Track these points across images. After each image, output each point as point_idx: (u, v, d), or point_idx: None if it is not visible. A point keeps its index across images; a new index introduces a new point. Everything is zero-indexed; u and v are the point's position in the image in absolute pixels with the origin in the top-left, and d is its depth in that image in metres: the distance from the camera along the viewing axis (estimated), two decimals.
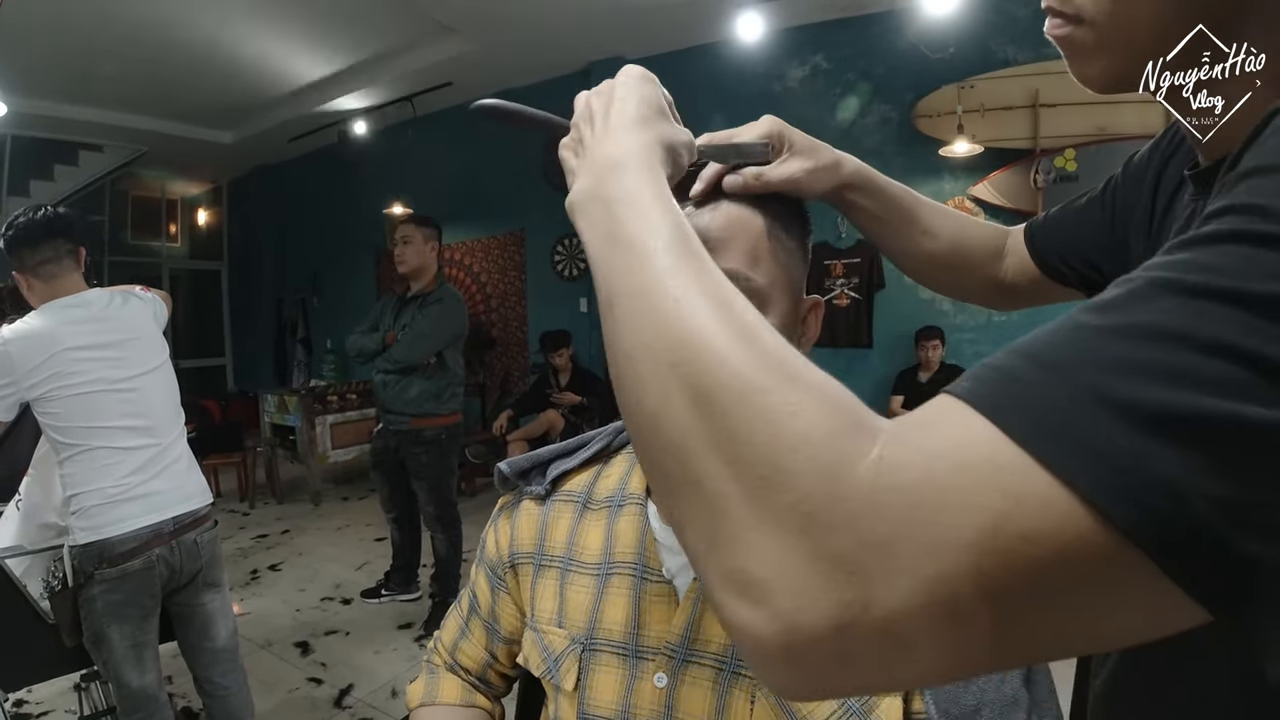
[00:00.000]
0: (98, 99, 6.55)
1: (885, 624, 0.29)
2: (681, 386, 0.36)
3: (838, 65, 5.20)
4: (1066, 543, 0.28)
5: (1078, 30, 0.53)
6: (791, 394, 0.34)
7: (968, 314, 5.03)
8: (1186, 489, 0.27)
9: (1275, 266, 0.29)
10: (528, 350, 6.88)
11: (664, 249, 0.43)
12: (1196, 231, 0.33)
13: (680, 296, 0.40)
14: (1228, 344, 0.28)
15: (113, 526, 1.90)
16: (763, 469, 0.32)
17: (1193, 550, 0.27)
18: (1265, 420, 0.27)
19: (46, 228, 1.98)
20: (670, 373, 0.37)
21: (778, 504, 0.31)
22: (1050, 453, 0.28)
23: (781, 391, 0.34)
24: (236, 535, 5.24)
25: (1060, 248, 0.89)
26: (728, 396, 0.34)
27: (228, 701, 2.20)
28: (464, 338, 3.70)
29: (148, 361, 2.08)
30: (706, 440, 0.34)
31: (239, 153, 8.36)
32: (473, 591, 0.94)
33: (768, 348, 0.36)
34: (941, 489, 0.29)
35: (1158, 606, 0.28)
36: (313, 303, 9.01)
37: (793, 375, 0.35)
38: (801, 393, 0.34)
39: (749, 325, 0.38)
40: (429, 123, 6.87)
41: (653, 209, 0.46)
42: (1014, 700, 0.62)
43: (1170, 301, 0.30)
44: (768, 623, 0.31)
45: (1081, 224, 0.87)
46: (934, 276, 0.98)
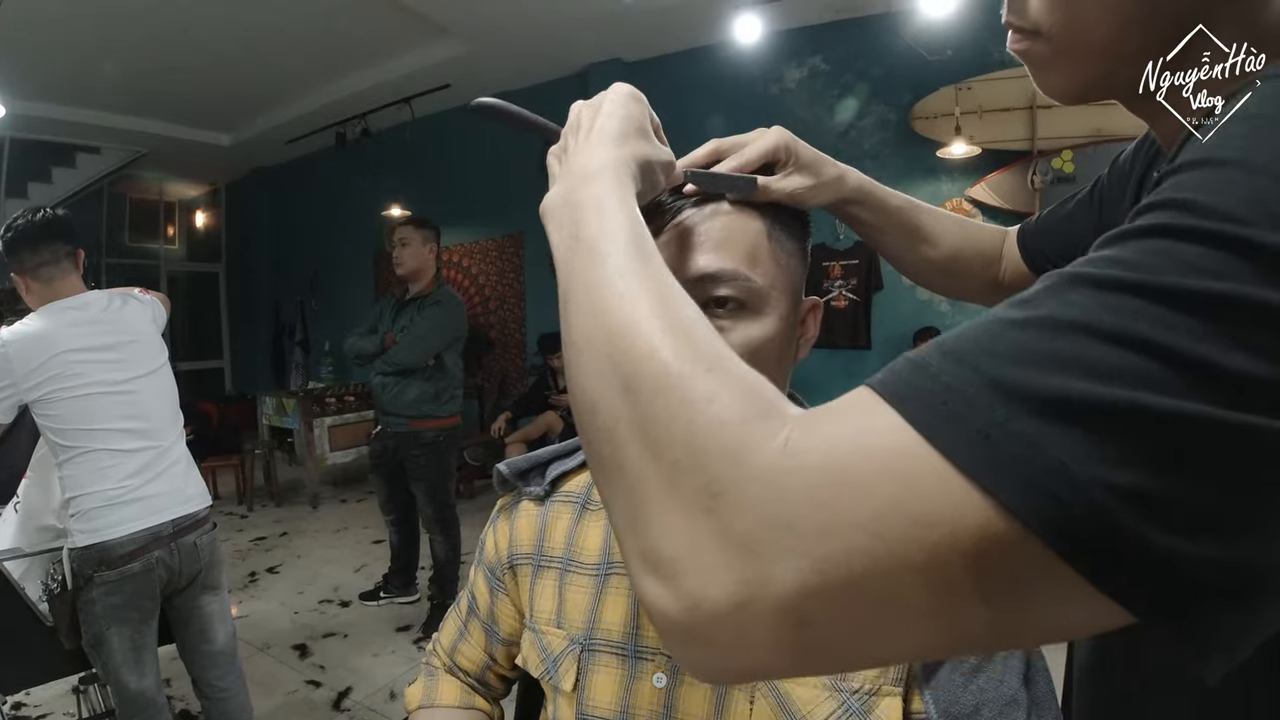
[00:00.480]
0: (95, 101, 6.55)
1: (781, 603, 0.30)
2: (614, 374, 0.38)
3: (835, 67, 5.21)
4: (962, 528, 0.28)
5: (1036, 44, 0.55)
6: (710, 383, 0.35)
7: (966, 314, 5.03)
8: (1085, 475, 0.27)
9: (1192, 260, 0.29)
10: (525, 352, 6.88)
11: (618, 250, 0.45)
12: (1122, 228, 0.33)
13: (624, 292, 0.42)
14: (1135, 335, 0.28)
15: (112, 529, 1.90)
16: (677, 452, 0.34)
17: (1095, 539, 0.27)
18: (1173, 410, 0.27)
19: (46, 230, 1.98)
20: (606, 362, 0.39)
21: (689, 485, 0.33)
22: (944, 437, 0.29)
23: (701, 381, 0.35)
24: (235, 538, 5.23)
25: (1050, 250, 0.90)
26: (652, 384, 0.36)
27: (226, 704, 2.20)
28: (463, 340, 3.70)
29: (147, 364, 2.08)
30: (630, 425, 0.36)
31: (237, 155, 8.36)
32: (471, 593, 0.94)
33: (696, 341, 0.38)
34: (840, 472, 0.30)
35: (1064, 600, 0.28)
36: (311, 305, 9.00)
37: (714, 367, 0.36)
38: (720, 383, 0.35)
39: (683, 321, 0.40)
40: (427, 125, 6.87)
41: (615, 216, 0.48)
42: (1013, 700, 0.62)
43: (1082, 294, 0.30)
44: (675, 600, 0.32)
45: (1070, 225, 0.88)
46: (934, 281, 0.99)
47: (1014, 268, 0.95)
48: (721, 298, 0.66)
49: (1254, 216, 0.29)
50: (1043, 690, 0.65)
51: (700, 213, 0.68)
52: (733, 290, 0.66)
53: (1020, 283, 0.94)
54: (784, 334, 0.69)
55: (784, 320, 0.69)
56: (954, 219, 0.97)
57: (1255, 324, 0.28)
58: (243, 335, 10.18)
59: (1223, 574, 0.27)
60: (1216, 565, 0.27)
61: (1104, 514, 0.26)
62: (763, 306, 0.67)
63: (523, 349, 6.95)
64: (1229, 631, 0.28)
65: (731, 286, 0.66)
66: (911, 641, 0.32)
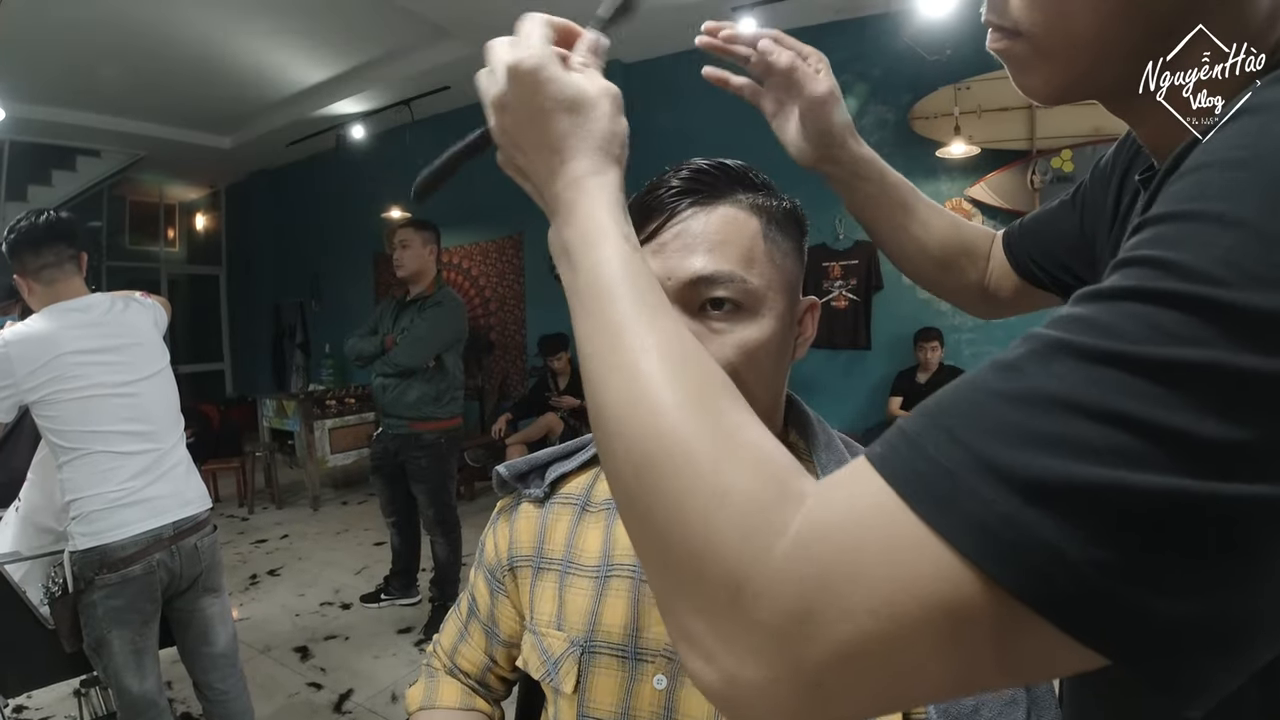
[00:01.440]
0: (96, 104, 6.56)
1: (807, 679, 0.32)
2: (627, 455, 0.40)
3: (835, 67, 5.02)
4: (966, 608, 0.30)
5: (1016, 44, 0.54)
6: (724, 473, 0.36)
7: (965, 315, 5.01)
8: (1073, 554, 0.28)
9: (1169, 326, 0.30)
10: (526, 354, 6.88)
11: (618, 307, 0.44)
12: (1099, 285, 0.34)
13: (629, 362, 0.42)
14: (1115, 411, 0.29)
15: (113, 532, 1.90)
16: (696, 544, 0.35)
17: (1087, 612, 0.28)
18: (1153, 487, 0.28)
19: (49, 232, 1.99)
20: (619, 441, 0.40)
21: (711, 575, 0.34)
22: (943, 523, 0.30)
23: (715, 472, 0.36)
24: (235, 540, 5.23)
25: (1034, 251, 0.90)
26: (665, 469, 0.37)
27: (227, 706, 2.20)
28: (463, 341, 3.69)
29: (148, 366, 2.08)
30: (648, 507, 0.38)
31: (237, 157, 8.37)
32: (472, 595, 0.94)
33: (705, 409, 0.39)
34: (850, 563, 0.31)
35: (1062, 655, 0.30)
36: (311, 307, 9.00)
37: (726, 444, 0.37)
38: (733, 469, 0.36)
39: (689, 386, 0.40)
40: (427, 126, 6.88)
41: (610, 259, 0.46)
42: (1012, 699, 0.62)
43: (1065, 366, 0.31)
44: (715, 677, 0.35)
45: (1053, 227, 0.88)
46: (926, 273, 0.99)
47: (1000, 270, 0.96)
48: (718, 299, 0.66)
49: (1231, 276, 0.30)
50: (1042, 689, 0.65)
51: (696, 213, 0.68)
52: (729, 292, 0.66)
53: (1005, 287, 0.95)
54: (781, 334, 0.69)
55: (781, 321, 0.69)
56: (948, 213, 0.98)
57: (1230, 390, 0.28)
58: (243, 338, 10.18)
59: (1206, 625, 0.28)
60: (1199, 619, 0.28)
61: (1093, 588, 0.28)
62: (759, 307, 0.67)
63: (523, 351, 6.95)
64: (1212, 673, 0.30)
65: (728, 288, 0.66)
66: (927, 696, 0.35)
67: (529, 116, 0.50)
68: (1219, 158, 0.35)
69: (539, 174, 0.51)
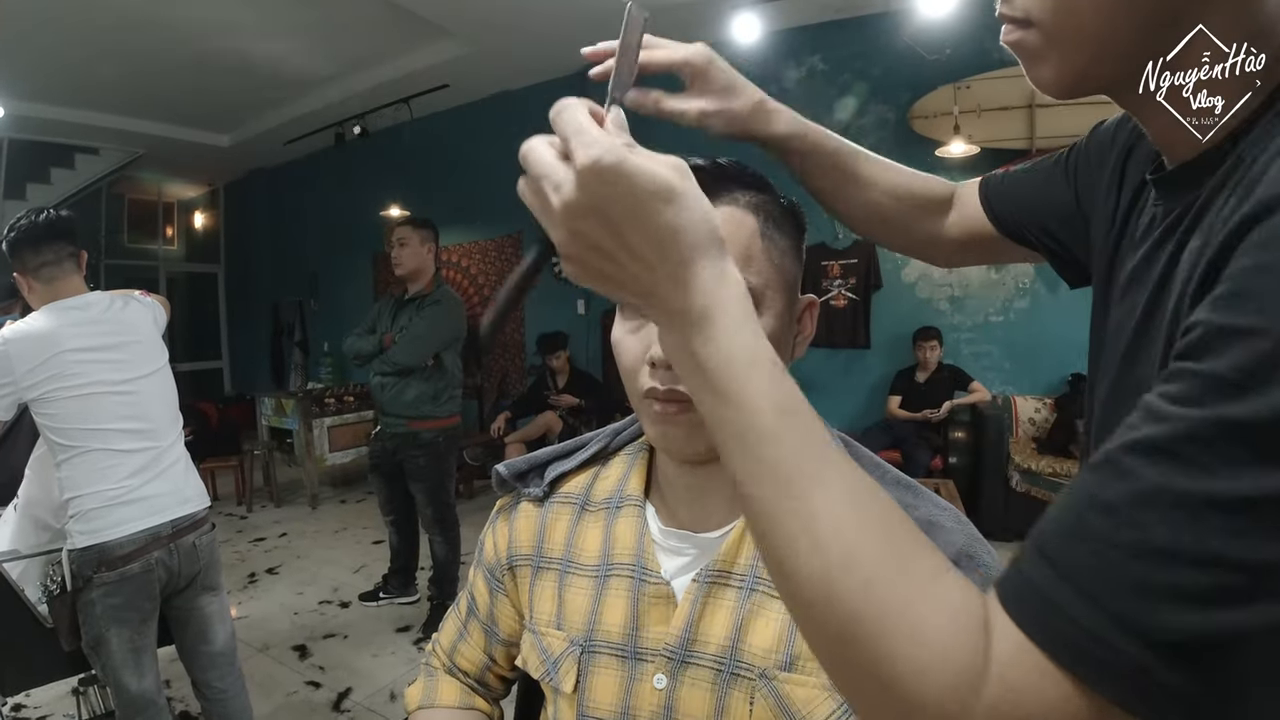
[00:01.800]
0: (94, 102, 6.55)
1: None
2: (824, 624, 0.41)
3: (834, 66, 5.21)
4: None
5: (1027, 34, 0.54)
6: (917, 646, 0.38)
7: (965, 314, 5.04)
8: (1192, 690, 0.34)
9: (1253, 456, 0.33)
10: (525, 352, 6.88)
11: (784, 441, 0.43)
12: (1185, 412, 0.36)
13: (804, 511, 0.41)
14: (1220, 555, 0.33)
15: (111, 530, 1.90)
16: (906, 693, 0.38)
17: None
18: (1260, 623, 0.33)
19: (49, 230, 1.99)
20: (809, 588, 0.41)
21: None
22: (1108, 691, 0.35)
23: (915, 625, 0.39)
24: (234, 538, 5.23)
25: (1018, 211, 0.87)
26: (874, 649, 0.39)
27: (226, 705, 2.20)
28: (462, 340, 3.68)
29: (147, 365, 2.08)
30: (857, 686, 0.41)
31: (236, 155, 8.37)
32: (471, 594, 0.94)
33: (899, 559, 0.41)
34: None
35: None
36: (310, 305, 9.00)
37: (924, 595, 0.39)
38: (924, 642, 0.38)
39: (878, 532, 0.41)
40: (426, 125, 6.87)
41: (767, 392, 0.43)
42: None
43: (1171, 516, 0.34)
44: None
45: (1043, 194, 0.86)
46: (870, 228, 0.96)
47: (966, 223, 0.92)
48: None
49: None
50: None
51: None
52: None
53: (971, 239, 0.92)
54: (780, 334, 0.69)
55: (780, 319, 0.69)
56: (898, 168, 0.94)
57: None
58: (242, 336, 10.19)
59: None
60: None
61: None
62: (758, 306, 0.67)
63: (522, 349, 6.95)
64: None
65: None
66: None
67: (622, 217, 0.43)
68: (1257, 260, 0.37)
69: (643, 280, 0.44)
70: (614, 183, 0.42)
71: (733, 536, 0.71)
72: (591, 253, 0.45)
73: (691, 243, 0.43)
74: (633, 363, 0.69)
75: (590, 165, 0.41)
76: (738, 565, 0.71)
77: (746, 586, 0.70)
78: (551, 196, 0.44)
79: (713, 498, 0.74)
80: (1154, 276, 0.56)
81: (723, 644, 0.69)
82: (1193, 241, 0.50)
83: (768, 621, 0.69)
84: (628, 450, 0.87)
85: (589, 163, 0.41)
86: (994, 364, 4.99)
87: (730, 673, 0.68)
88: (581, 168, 0.42)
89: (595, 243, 0.44)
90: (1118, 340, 0.62)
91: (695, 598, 0.71)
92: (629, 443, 0.88)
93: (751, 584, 0.70)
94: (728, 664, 0.68)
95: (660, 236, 0.43)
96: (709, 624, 0.71)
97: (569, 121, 0.44)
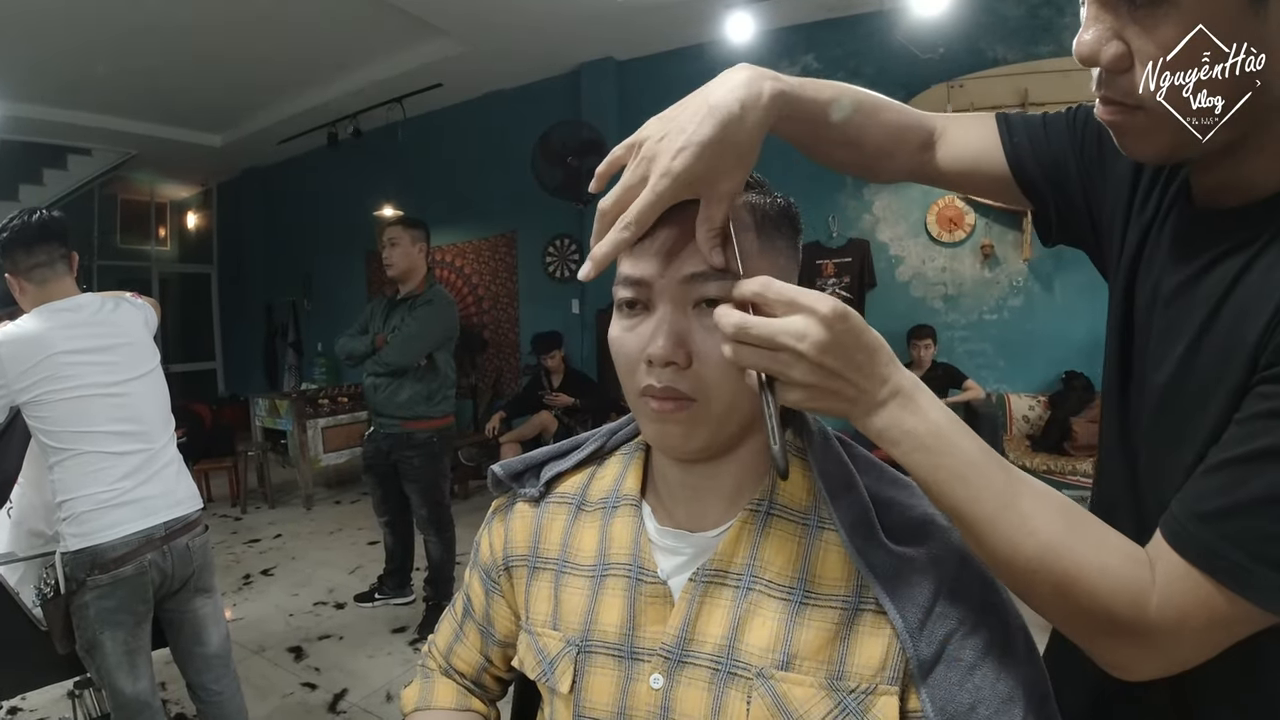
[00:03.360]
0: (86, 102, 6.52)
1: (1181, 664, 0.61)
2: (1046, 570, 0.59)
3: (828, 65, 5.22)
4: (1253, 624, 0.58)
5: (1136, 117, 0.61)
6: (1110, 568, 0.59)
7: (959, 312, 5.05)
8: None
9: None
10: (520, 352, 6.88)
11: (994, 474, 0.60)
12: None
13: (1023, 513, 0.59)
14: None
15: (104, 532, 1.89)
16: (1104, 611, 0.59)
17: None
18: None
19: (41, 231, 1.98)
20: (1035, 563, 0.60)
21: (1119, 630, 0.60)
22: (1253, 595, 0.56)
23: (1102, 569, 0.59)
24: (228, 540, 5.21)
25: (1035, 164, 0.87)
26: (1075, 576, 0.59)
27: (221, 708, 2.19)
28: (455, 339, 3.68)
29: (139, 367, 2.07)
30: (1070, 599, 0.60)
31: (228, 155, 8.34)
32: (467, 595, 0.93)
33: (1081, 530, 0.60)
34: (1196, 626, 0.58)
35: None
36: (303, 306, 8.98)
37: (1101, 548, 0.60)
38: (1114, 566, 0.59)
39: (1063, 517, 0.60)
40: (419, 124, 6.86)
41: (970, 444, 0.60)
42: (1010, 697, 0.62)
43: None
44: (1130, 672, 0.62)
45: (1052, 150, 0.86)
46: (844, 168, 0.93)
47: (964, 160, 0.91)
48: (714, 298, 0.65)
49: None
50: (1041, 688, 0.65)
51: (686, 212, 0.67)
52: (724, 290, 0.65)
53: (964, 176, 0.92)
54: None
55: None
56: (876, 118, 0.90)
57: None
58: (235, 337, 10.16)
59: None
60: None
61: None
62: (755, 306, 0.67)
63: (517, 349, 6.95)
64: None
65: (723, 286, 0.65)
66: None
67: (857, 347, 0.57)
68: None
69: (860, 385, 0.58)
70: (854, 323, 0.57)
71: (729, 535, 0.71)
72: (830, 379, 0.57)
73: (887, 349, 0.60)
74: (630, 360, 0.68)
75: (838, 313, 0.56)
76: (734, 564, 0.71)
77: (743, 586, 0.70)
78: (796, 345, 0.55)
79: (709, 497, 0.74)
80: (1214, 293, 0.65)
81: (719, 643, 0.69)
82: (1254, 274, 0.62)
83: (764, 620, 0.68)
84: (624, 450, 0.86)
85: (838, 311, 0.56)
86: (988, 362, 5.01)
87: (727, 672, 0.68)
88: (834, 314, 0.55)
89: (834, 369, 0.56)
90: (1173, 343, 0.70)
91: (692, 597, 0.71)
92: (625, 442, 0.87)
93: (748, 583, 0.70)
94: (724, 663, 0.68)
95: (872, 350, 0.58)
96: (706, 623, 0.70)
97: (784, 289, 0.58)
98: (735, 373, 0.64)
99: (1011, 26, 4.65)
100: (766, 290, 0.58)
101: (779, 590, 0.69)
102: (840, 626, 0.67)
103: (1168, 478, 0.68)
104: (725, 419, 0.68)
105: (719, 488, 0.74)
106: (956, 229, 5.01)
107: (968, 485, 0.59)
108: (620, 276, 0.69)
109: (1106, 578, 0.58)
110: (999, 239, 4.90)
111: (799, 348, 0.55)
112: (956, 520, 0.62)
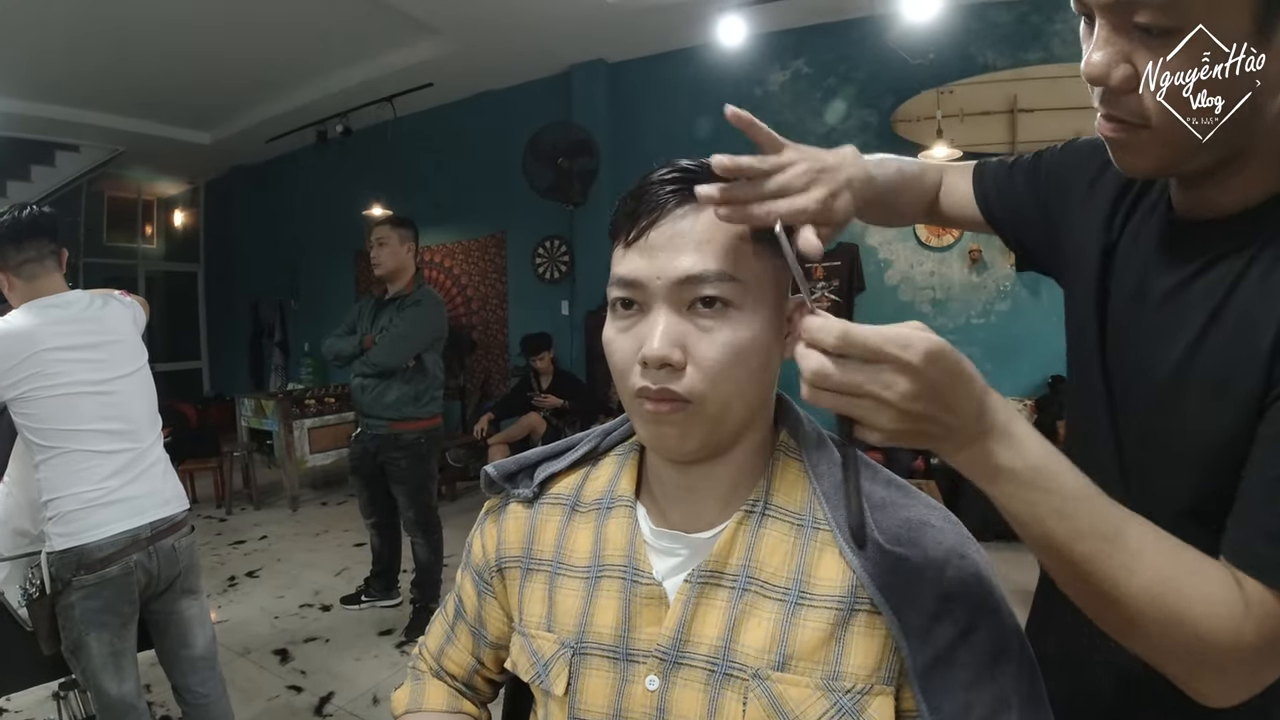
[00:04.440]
0: (75, 99, 6.48)
1: (1262, 685, 0.61)
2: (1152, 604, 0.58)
3: (819, 70, 5.24)
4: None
5: (1137, 135, 0.64)
6: (1210, 599, 0.59)
7: (947, 316, 5.08)
8: None
9: None
10: (509, 353, 6.86)
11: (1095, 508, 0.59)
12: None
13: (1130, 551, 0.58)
14: None
15: (90, 532, 1.88)
16: (1205, 640, 0.58)
17: None
18: None
19: (32, 227, 1.96)
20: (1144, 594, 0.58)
21: (1222, 664, 0.59)
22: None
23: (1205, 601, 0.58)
24: (213, 542, 5.17)
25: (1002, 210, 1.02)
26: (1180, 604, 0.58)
27: (207, 710, 2.18)
28: (443, 340, 3.66)
29: (127, 365, 2.05)
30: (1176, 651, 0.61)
31: (217, 153, 8.29)
32: (458, 596, 0.93)
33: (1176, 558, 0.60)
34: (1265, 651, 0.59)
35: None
36: (290, 305, 8.94)
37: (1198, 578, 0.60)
38: (1197, 610, 0.58)
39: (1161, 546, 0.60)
40: (409, 124, 6.84)
41: (1072, 480, 0.59)
42: (1004, 699, 0.62)
43: None
44: (1222, 700, 0.61)
45: (1019, 194, 1.00)
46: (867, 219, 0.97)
47: (955, 206, 1.06)
48: (708, 298, 0.66)
49: None
50: (1035, 689, 0.65)
51: (685, 213, 0.68)
52: (718, 290, 0.65)
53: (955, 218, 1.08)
54: (771, 332, 0.69)
55: (770, 319, 0.69)
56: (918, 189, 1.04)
57: None
58: (221, 336, 10.10)
59: None
60: None
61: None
62: (748, 305, 0.67)
63: (505, 350, 6.94)
64: None
65: (716, 286, 0.65)
66: None
67: (952, 382, 0.54)
68: None
69: (951, 424, 0.55)
70: (939, 360, 0.53)
71: (724, 537, 0.71)
72: (917, 422, 0.54)
73: (980, 381, 0.56)
74: (624, 362, 0.68)
75: (935, 351, 0.52)
76: (729, 565, 0.71)
77: (739, 587, 0.70)
78: (882, 393, 0.52)
79: (704, 498, 0.74)
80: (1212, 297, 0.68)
81: (715, 644, 0.69)
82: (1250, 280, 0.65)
83: (760, 621, 0.69)
84: (618, 451, 0.86)
85: (934, 349, 0.52)
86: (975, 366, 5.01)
87: (723, 673, 0.68)
88: (929, 353, 0.52)
89: (936, 405, 0.53)
90: (1170, 344, 0.72)
91: (687, 598, 0.71)
92: (619, 443, 0.87)
93: (744, 584, 0.70)
94: (720, 664, 0.68)
95: (966, 383, 0.55)
96: (701, 624, 0.70)
97: (867, 338, 0.52)
98: (730, 374, 0.65)
99: (1001, 33, 4.68)
100: (847, 344, 0.53)
101: (774, 591, 0.69)
102: (835, 627, 0.67)
103: (1157, 471, 0.74)
104: (720, 420, 0.68)
105: (714, 489, 0.74)
106: (945, 234, 5.03)
107: (1066, 522, 0.57)
108: (614, 277, 0.69)
109: (1210, 613, 0.58)
110: (987, 244, 4.92)
111: (885, 396, 0.52)
112: (1053, 557, 0.60)
